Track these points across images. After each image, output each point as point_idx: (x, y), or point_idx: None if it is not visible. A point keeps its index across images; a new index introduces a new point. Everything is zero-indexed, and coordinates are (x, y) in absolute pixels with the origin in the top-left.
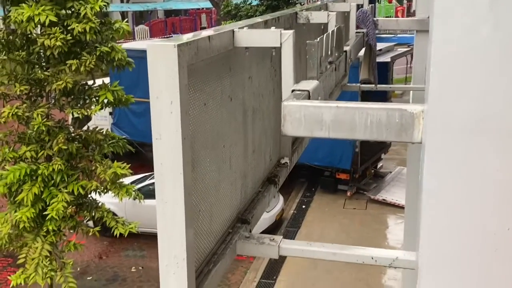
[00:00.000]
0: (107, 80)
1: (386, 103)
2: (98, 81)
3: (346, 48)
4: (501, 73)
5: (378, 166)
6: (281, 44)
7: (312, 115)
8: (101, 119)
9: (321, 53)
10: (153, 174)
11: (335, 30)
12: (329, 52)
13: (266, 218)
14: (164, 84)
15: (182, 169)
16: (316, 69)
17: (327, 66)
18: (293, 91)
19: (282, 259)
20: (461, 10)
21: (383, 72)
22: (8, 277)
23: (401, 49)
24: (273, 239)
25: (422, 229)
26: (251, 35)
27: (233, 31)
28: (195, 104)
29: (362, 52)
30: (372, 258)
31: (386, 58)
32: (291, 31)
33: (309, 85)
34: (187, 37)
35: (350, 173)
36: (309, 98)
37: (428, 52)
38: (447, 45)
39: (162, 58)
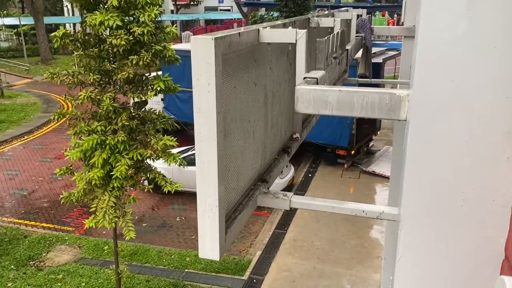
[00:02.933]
0: (160, 72)
1: (379, 88)
2: (153, 73)
3: (347, 47)
4: (470, 65)
5: (370, 145)
6: (296, 40)
7: (319, 97)
8: (155, 104)
9: (327, 49)
10: (194, 147)
11: (339, 32)
12: (334, 49)
13: (280, 183)
14: (203, 69)
15: (216, 137)
16: (323, 62)
17: (332, 60)
18: (304, 78)
19: (292, 214)
20: (440, 15)
21: (376, 71)
22: (83, 221)
23: (391, 53)
24: (286, 194)
25: (404, 189)
26: (272, 33)
27: (258, 30)
28: (227, 86)
29: (360, 53)
30: (363, 211)
31: (379, 60)
32: (304, 30)
33: (318, 74)
34: (222, 33)
35: (347, 150)
36: (317, 84)
37: (414, 49)
38: (429, 43)
39: (202, 48)
